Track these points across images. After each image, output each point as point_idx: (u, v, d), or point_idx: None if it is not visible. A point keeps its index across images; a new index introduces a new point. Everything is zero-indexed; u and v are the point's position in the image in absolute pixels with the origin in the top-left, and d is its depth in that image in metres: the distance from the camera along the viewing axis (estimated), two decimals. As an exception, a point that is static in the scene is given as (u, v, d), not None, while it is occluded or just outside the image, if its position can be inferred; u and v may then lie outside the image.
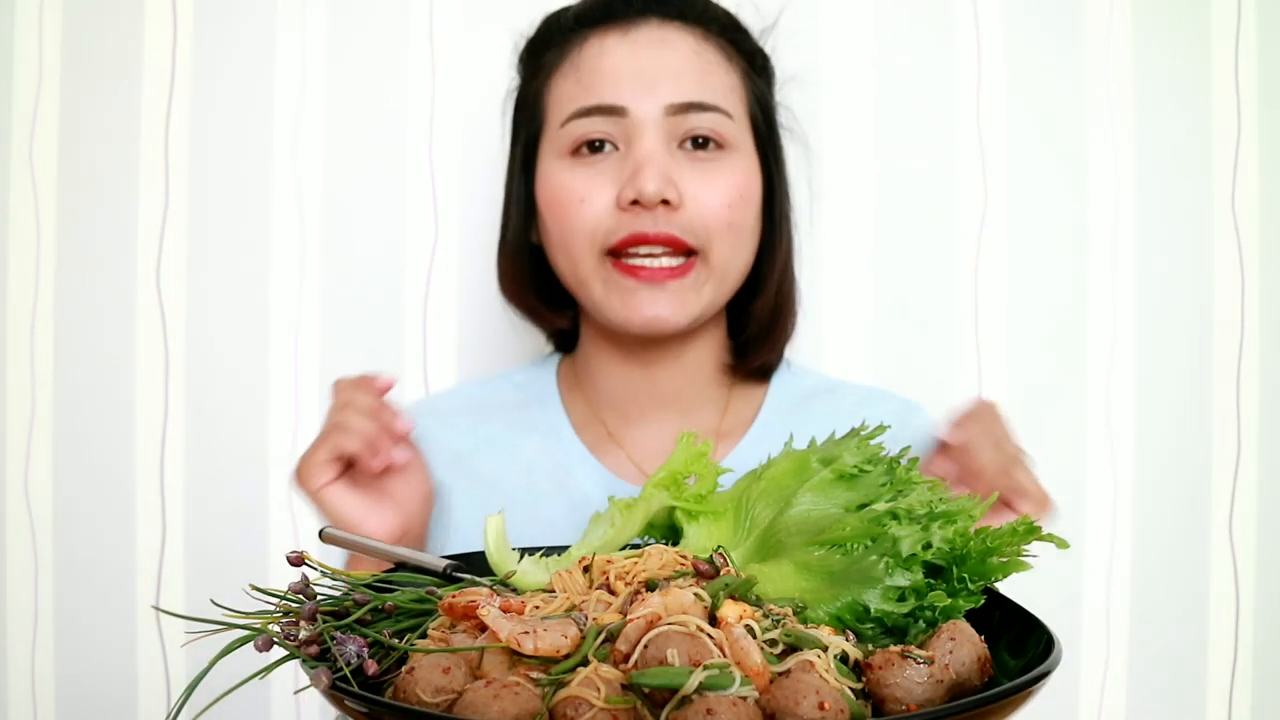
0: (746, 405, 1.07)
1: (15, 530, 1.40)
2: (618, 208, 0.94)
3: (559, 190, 0.97)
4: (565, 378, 1.10)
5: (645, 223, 0.93)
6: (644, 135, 0.94)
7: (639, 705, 0.56)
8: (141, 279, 1.39)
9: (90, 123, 1.38)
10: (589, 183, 0.95)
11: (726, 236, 0.96)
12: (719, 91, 0.97)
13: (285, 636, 0.64)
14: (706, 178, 0.95)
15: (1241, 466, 1.39)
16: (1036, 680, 0.59)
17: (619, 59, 0.96)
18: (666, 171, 0.93)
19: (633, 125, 0.94)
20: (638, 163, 0.93)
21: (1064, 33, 1.39)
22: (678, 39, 0.97)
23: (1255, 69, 1.39)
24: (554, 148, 0.98)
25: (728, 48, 1.00)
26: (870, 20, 1.39)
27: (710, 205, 0.95)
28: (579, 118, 0.96)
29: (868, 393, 1.11)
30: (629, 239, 0.94)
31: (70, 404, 1.40)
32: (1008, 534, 0.69)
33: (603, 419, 1.06)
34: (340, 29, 1.39)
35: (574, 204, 0.95)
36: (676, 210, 0.94)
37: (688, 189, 0.94)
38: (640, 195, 0.92)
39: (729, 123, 0.97)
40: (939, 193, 1.39)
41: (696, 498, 0.79)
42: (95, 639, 1.40)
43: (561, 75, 0.99)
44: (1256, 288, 1.39)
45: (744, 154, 0.98)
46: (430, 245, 1.39)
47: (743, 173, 0.97)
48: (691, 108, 0.95)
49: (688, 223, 0.94)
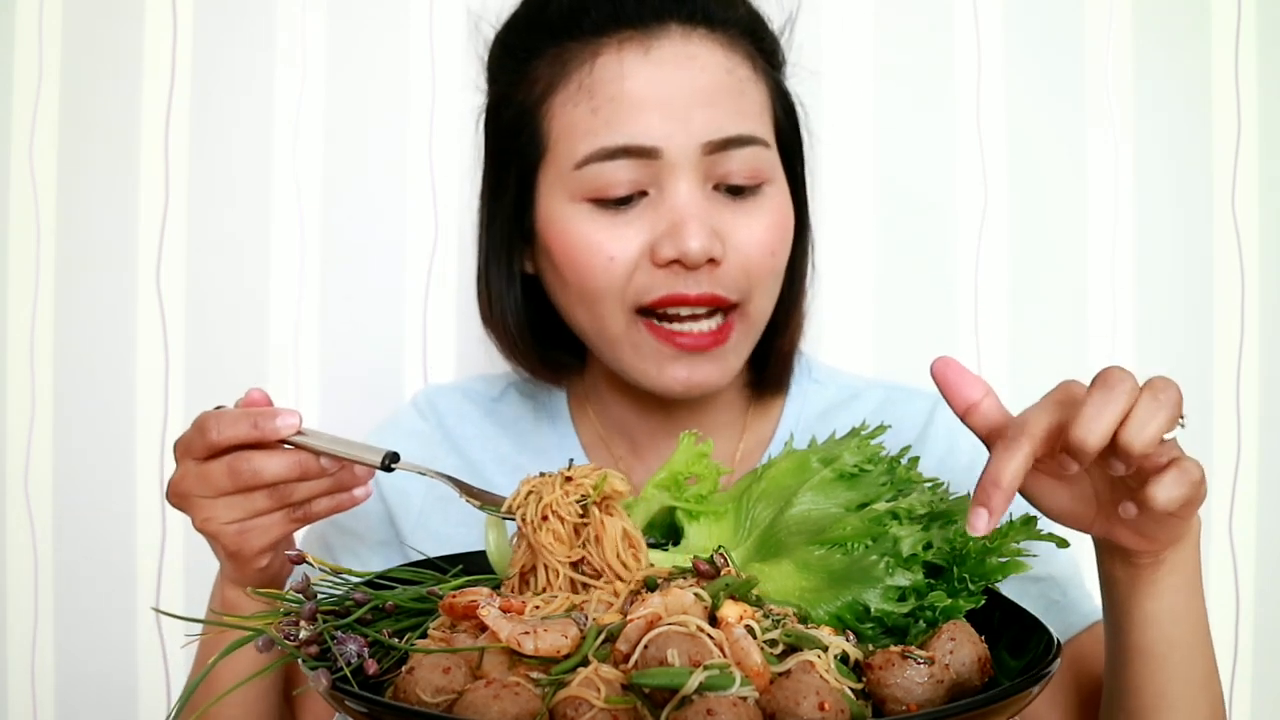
0: (764, 425, 1.00)
1: (15, 530, 1.40)
2: (652, 263, 0.83)
3: (579, 241, 0.84)
4: (575, 395, 1.02)
5: (688, 284, 0.82)
6: (680, 180, 0.82)
7: (639, 705, 0.56)
8: (141, 279, 1.39)
9: (90, 123, 1.38)
10: (616, 235, 0.83)
11: (767, 283, 0.87)
12: (755, 116, 0.85)
13: (285, 636, 0.64)
14: (749, 222, 0.84)
15: (1241, 466, 1.39)
16: (1036, 680, 0.59)
17: (642, 84, 0.82)
18: (710, 224, 0.82)
19: (666, 168, 0.82)
20: (678, 216, 0.82)
21: (1064, 33, 1.39)
22: (706, 53, 0.84)
23: (1255, 69, 1.39)
24: (567, 188, 0.84)
25: (754, 53, 0.88)
26: (870, 20, 1.39)
27: (754, 255, 0.84)
28: (601, 160, 0.82)
29: (890, 394, 1.01)
30: (666, 300, 0.83)
31: (70, 404, 1.40)
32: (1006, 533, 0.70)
33: (610, 445, 0.99)
34: (340, 29, 1.39)
35: (603, 261, 0.83)
36: (719, 265, 0.83)
37: (730, 238, 0.83)
38: (684, 256, 0.81)
39: (766, 154, 0.86)
40: (939, 192, 1.39)
41: (697, 498, 0.79)
42: (95, 639, 1.40)
43: (568, 98, 0.84)
44: (1256, 287, 1.39)
45: (779, 183, 0.88)
46: (430, 245, 1.39)
47: (781, 208, 0.87)
48: (731, 143, 0.83)
49: (731, 279, 0.84)
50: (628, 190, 0.83)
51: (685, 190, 0.82)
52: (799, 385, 1.01)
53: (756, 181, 0.85)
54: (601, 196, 0.83)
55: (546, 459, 0.98)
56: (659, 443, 0.97)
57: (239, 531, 0.77)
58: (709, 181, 0.84)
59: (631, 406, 0.97)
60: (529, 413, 1.02)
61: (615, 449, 0.99)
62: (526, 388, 1.03)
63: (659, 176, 0.83)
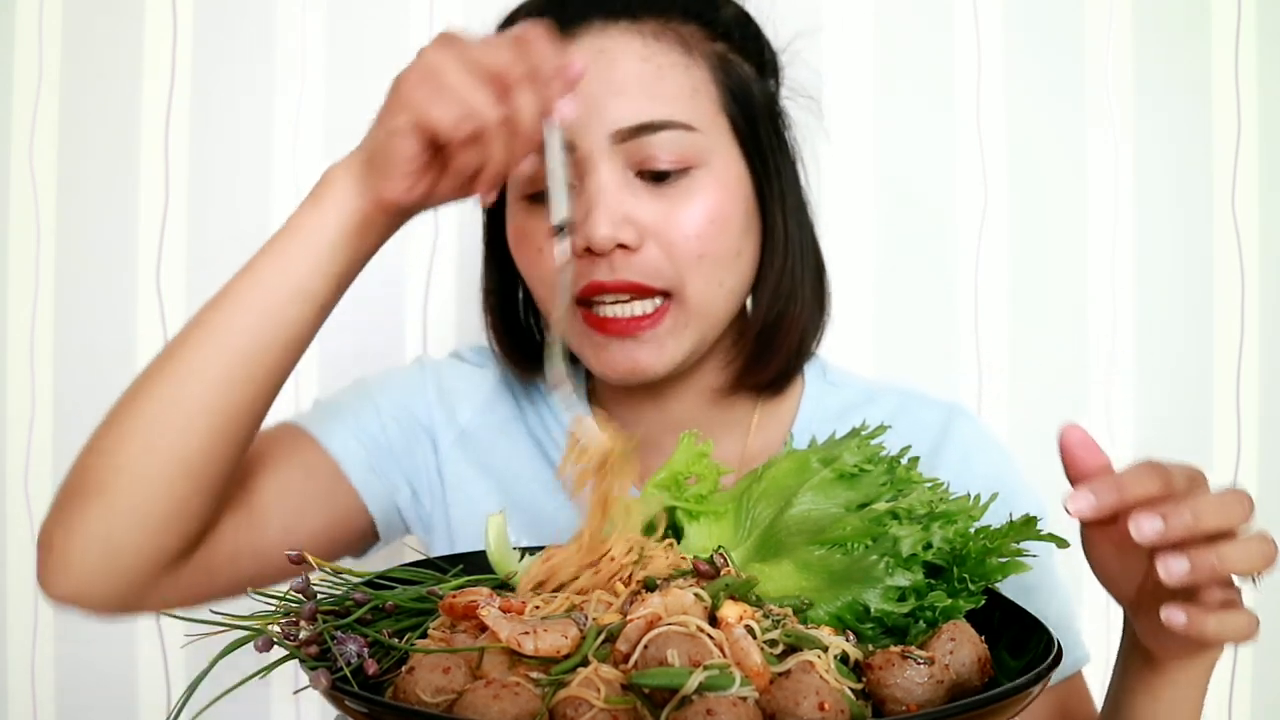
0: (775, 425, 0.98)
1: (15, 530, 1.40)
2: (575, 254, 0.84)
3: (515, 235, 0.89)
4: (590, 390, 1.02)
5: (602, 270, 0.84)
6: (595, 170, 0.84)
7: (639, 705, 0.56)
8: (141, 279, 1.39)
9: (90, 123, 1.38)
10: (542, 228, 0.85)
11: (701, 269, 0.86)
12: (675, 100, 0.85)
13: (285, 636, 0.64)
14: (670, 206, 0.85)
15: (1242, 466, 1.39)
16: (1036, 680, 0.59)
17: None
18: (620, 210, 0.84)
19: (582, 159, 0.84)
20: (588, 204, 0.84)
21: (1064, 33, 1.39)
22: (621, 45, 0.85)
23: (1255, 69, 1.39)
24: (512, 186, 0.89)
25: (691, 36, 0.87)
26: (870, 20, 1.39)
27: (676, 238, 0.85)
28: None
29: (905, 400, 1.00)
30: (588, 289, 0.85)
31: (70, 404, 1.40)
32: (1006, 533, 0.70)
33: None
34: (340, 29, 1.39)
35: (531, 252, 0.88)
36: (636, 252, 0.84)
37: (649, 224, 0.85)
38: (590, 243, 0.83)
39: (691, 136, 0.85)
40: (939, 192, 1.39)
41: (697, 498, 0.79)
42: (95, 639, 1.40)
43: None
44: (1256, 288, 1.39)
45: (717, 166, 0.87)
46: (430, 245, 1.39)
47: (716, 190, 0.86)
48: (643, 129, 0.83)
49: (650, 264, 0.85)
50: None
51: (596, 180, 0.84)
52: (813, 386, 1.00)
53: (681, 166, 0.85)
54: (531, 191, 0.86)
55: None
56: (660, 439, 0.96)
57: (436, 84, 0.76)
58: (630, 169, 0.85)
59: (627, 404, 0.98)
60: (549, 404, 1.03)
61: None
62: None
63: (580, 169, 0.85)
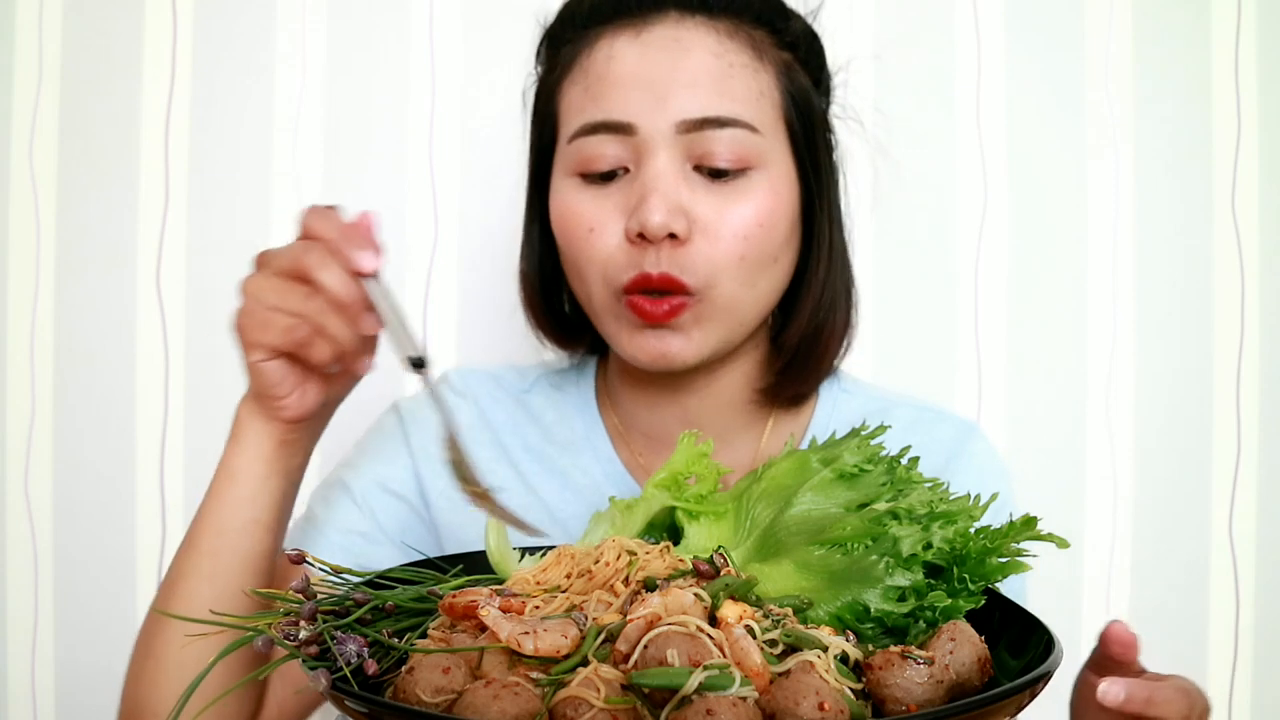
0: (789, 432, 0.99)
1: (15, 530, 1.40)
2: (627, 240, 0.86)
3: (569, 216, 0.89)
4: (601, 388, 1.03)
5: (649, 261, 0.85)
6: (654, 156, 0.85)
7: (639, 705, 0.56)
8: (141, 279, 1.39)
9: (90, 122, 1.38)
10: (598, 209, 0.87)
11: (736, 272, 0.87)
12: (743, 100, 0.86)
13: (285, 636, 0.64)
14: (723, 204, 0.86)
15: (1241, 466, 1.39)
16: (1036, 680, 0.59)
17: (628, 65, 0.86)
18: (675, 199, 0.84)
19: (642, 144, 0.85)
20: (644, 189, 0.84)
21: (1064, 32, 1.39)
22: (697, 38, 0.87)
23: (1255, 69, 1.39)
24: (563, 164, 0.90)
25: (762, 41, 0.89)
26: (870, 20, 1.39)
27: (723, 237, 0.85)
28: (585, 135, 0.87)
29: (920, 414, 1.01)
30: (635, 281, 0.85)
31: (70, 404, 1.40)
32: (1007, 533, 0.70)
33: (630, 443, 1.00)
34: (340, 29, 1.39)
35: (583, 233, 0.88)
36: (684, 244, 0.85)
37: (700, 217, 0.85)
38: (644, 228, 0.83)
39: (753, 138, 0.86)
40: (939, 192, 1.39)
41: (697, 498, 0.79)
42: (95, 639, 1.40)
43: (571, 80, 0.90)
44: (1256, 288, 1.39)
45: (773, 171, 0.88)
46: (430, 245, 1.39)
47: (768, 194, 0.87)
48: (708, 123, 0.84)
49: (690, 260, 0.85)
50: (610, 165, 0.87)
51: (657, 166, 0.85)
52: (828, 393, 1.02)
53: (740, 166, 0.86)
54: (586, 170, 0.88)
55: (574, 450, 1.00)
56: (673, 439, 0.96)
57: (258, 312, 0.78)
58: (689, 161, 0.86)
59: (644, 402, 0.99)
60: (557, 405, 1.03)
61: (633, 444, 1.00)
62: (556, 379, 1.05)
63: (638, 153, 0.86)
